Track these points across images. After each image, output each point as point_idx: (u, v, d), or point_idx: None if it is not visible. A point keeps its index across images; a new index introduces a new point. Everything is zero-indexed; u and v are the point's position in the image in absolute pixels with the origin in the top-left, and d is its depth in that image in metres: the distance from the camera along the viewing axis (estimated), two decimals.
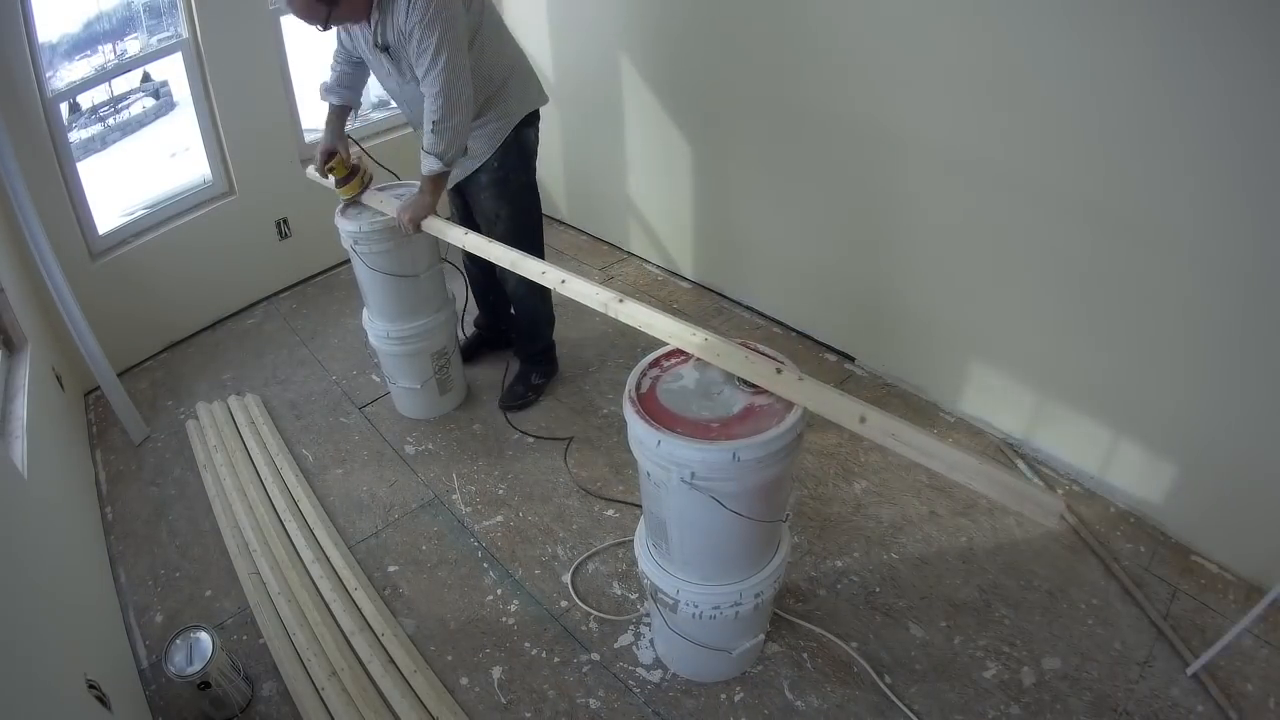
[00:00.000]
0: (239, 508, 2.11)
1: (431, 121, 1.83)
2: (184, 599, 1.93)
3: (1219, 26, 1.47)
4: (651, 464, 1.25)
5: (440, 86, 1.79)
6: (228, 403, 2.55)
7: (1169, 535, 1.95)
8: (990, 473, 1.09)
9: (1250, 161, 1.52)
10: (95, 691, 1.37)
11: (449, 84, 1.78)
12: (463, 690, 1.69)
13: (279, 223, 3.10)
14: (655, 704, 1.64)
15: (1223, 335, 1.69)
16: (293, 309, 3.12)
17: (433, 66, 1.77)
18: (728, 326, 2.83)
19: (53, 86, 2.41)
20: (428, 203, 1.96)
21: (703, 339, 1.33)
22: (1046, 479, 2.11)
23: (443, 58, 1.75)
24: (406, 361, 2.33)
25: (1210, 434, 1.79)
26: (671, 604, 1.47)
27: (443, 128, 1.83)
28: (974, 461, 1.10)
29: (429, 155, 1.88)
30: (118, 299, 2.65)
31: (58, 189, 2.44)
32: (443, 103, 1.80)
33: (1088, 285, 1.89)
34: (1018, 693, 1.62)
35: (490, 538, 2.05)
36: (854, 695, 1.64)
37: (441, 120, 1.82)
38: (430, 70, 1.78)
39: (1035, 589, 1.84)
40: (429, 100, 1.82)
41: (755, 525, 1.32)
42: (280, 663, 1.72)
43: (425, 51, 1.75)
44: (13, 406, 1.91)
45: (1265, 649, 1.67)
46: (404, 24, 1.75)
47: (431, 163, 1.89)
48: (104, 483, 2.32)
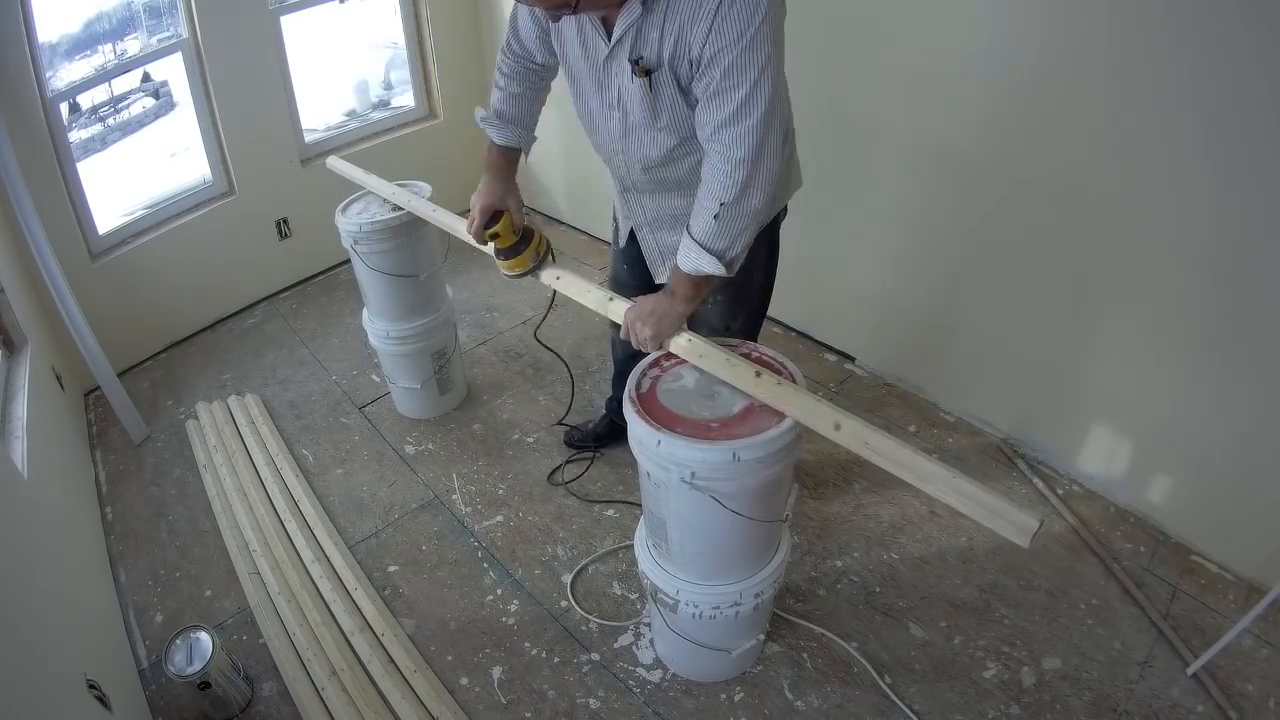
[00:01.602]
0: (239, 508, 2.11)
1: (719, 201, 1.19)
2: (184, 599, 1.93)
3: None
4: (651, 464, 1.25)
5: (749, 149, 1.15)
6: (228, 403, 2.55)
7: (1169, 535, 1.95)
8: (962, 486, 1.06)
9: None
10: (95, 691, 1.37)
11: (761, 145, 1.15)
12: (463, 690, 1.69)
13: (279, 223, 3.10)
14: (655, 704, 1.64)
15: (1223, 335, 1.69)
16: (293, 309, 3.12)
17: (743, 114, 1.13)
18: None
19: (53, 86, 2.41)
20: (680, 315, 1.32)
21: (686, 340, 1.33)
22: (1046, 479, 2.11)
23: (762, 102, 1.12)
24: (406, 361, 2.33)
25: (1210, 434, 1.79)
26: (671, 604, 1.47)
27: (737, 212, 1.20)
28: (945, 473, 1.07)
29: (703, 250, 1.24)
30: (118, 299, 2.65)
31: (58, 189, 2.43)
32: (746, 174, 1.16)
33: (1087, 287, 1.89)
34: (1018, 693, 1.62)
35: (490, 538, 2.05)
36: (854, 695, 1.64)
37: (737, 200, 1.19)
38: (738, 120, 1.13)
39: (1035, 589, 1.84)
40: (719, 165, 1.18)
41: (755, 525, 1.33)
42: (280, 663, 1.72)
43: (736, 88, 1.12)
44: (13, 406, 1.91)
45: (1265, 649, 1.67)
46: (702, 37, 1.11)
47: (705, 261, 1.23)
48: (104, 483, 2.33)
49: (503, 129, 1.52)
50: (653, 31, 1.17)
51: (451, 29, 3.36)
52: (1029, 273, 2.00)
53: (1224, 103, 1.51)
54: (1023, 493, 2.08)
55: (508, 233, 1.53)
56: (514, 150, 1.54)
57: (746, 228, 1.23)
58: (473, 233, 1.54)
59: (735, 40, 1.09)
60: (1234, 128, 1.52)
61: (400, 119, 3.46)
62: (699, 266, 1.25)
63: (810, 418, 1.19)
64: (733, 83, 1.12)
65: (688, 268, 1.27)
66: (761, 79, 1.11)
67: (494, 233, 1.52)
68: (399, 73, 3.56)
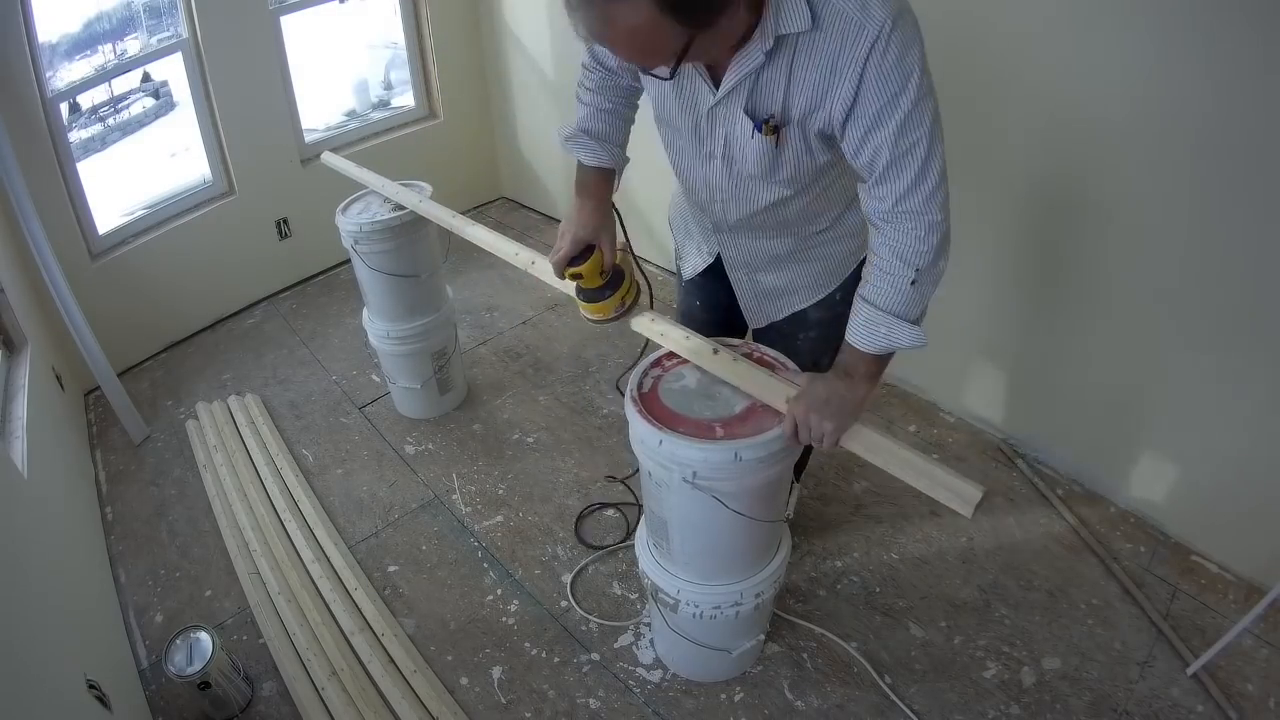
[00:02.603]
0: (239, 508, 2.11)
1: (914, 269, 1.05)
2: (184, 599, 1.93)
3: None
4: (653, 464, 1.25)
5: (941, 210, 1.02)
6: (228, 403, 2.55)
7: (1169, 535, 1.95)
8: (907, 457, 1.09)
9: None
10: (95, 691, 1.37)
11: (947, 200, 1.03)
12: (463, 690, 1.69)
13: (279, 223, 3.10)
14: (655, 704, 1.64)
15: (1222, 334, 1.70)
16: (293, 309, 3.12)
17: (926, 177, 1.00)
18: None
19: (53, 86, 2.41)
20: (862, 400, 1.12)
21: (649, 319, 1.36)
22: (1046, 479, 2.11)
23: (939, 155, 1.00)
24: (406, 361, 2.33)
25: (1210, 434, 1.79)
26: (672, 604, 1.47)
27: (931, 275, 1.07)
28: (890, 444, 1.10)
29: (898, 320, 1.07)
30: (118, 299, 2.65)
31: (58, 189, 2.44)
32: (941, 236, 1.04)
33: (1087, 288, 1.89)
34: (1018, 693, 1.62)
35: (490, 538, 2.05)
36: (854, 695, 1.64)
37: (933, 264, 1.06)
38: (922, 184, 1.00)
39: (1035, 589, 1.84)
40: (909, 232, 1.04)
41: (756, 525, 1.33)
42: (280, 663, 1.72)
43: (913, 151, 0.98)
44: (13, 406, 1.91)
45: (1265, 649, 1.67)
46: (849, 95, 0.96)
47: (901, 332, 1.07)
48: (104, 483, 2.32)
49: (593, 148, 1.31)
50: (776, 83, 1.02)
51: (451, 29, 3.36)
52: (1030, 280, 2.00)
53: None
54: (1023, 493, 2.09)
55: (594, 274, 1.29)
56: (608, 172, 1.33)
57: (935, 289, 1.10)
58: (553, 264, 1.30)
59: (896, 95, 0.94)
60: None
61: (400, 119, 3.46)
62: (894, 342, 1.07)
63: (764, 393, 1.21)
64: (907, 145, 0.97)
65: (876, 346, 1.09)
66: (934, 129, 0.97)
67: (576, 272, 1.28)
68: (399, 73, 3.56)
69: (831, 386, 1.12)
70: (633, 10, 0.84)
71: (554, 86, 3.25)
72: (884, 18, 0.90)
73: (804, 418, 1.12)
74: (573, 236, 1.28)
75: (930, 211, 1.02)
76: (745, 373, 1.23)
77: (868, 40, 0.92)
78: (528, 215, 3.74)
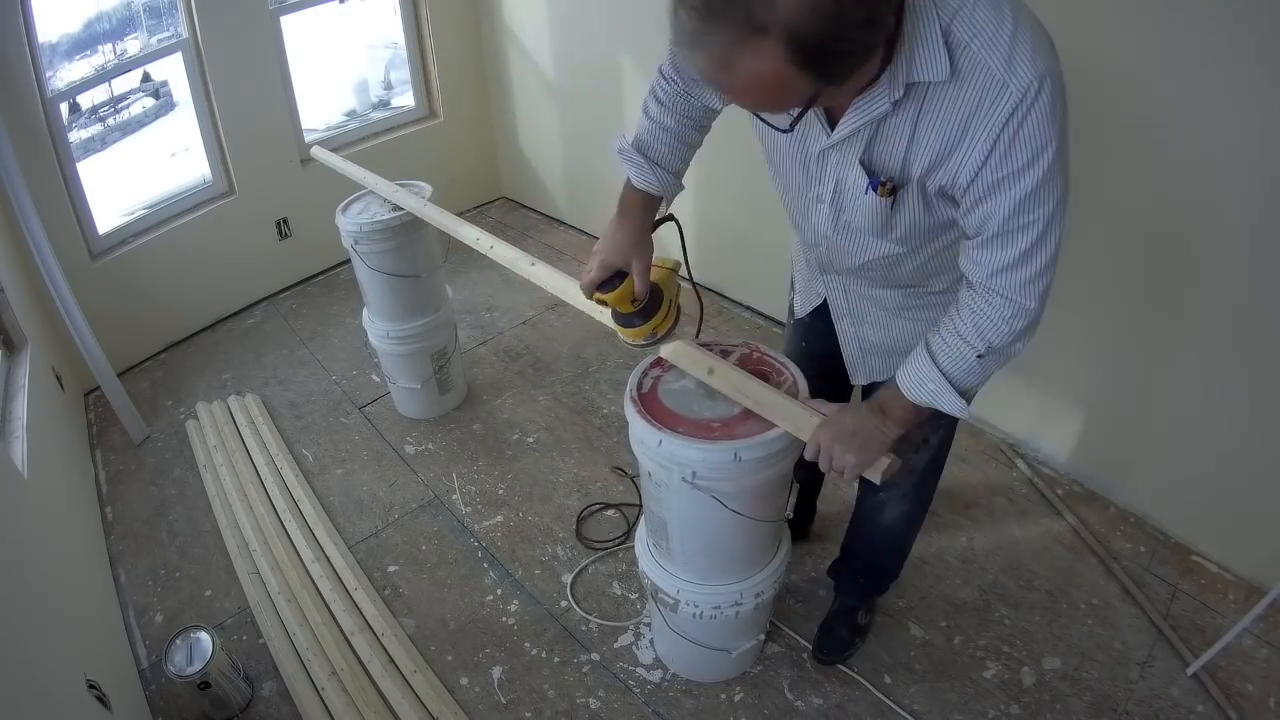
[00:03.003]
0: (239, 508, 2.11)
1: (987, 344, 0.99)
2: (184, 599, 1.93)
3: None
4: (653, 464, 1.25)
5: (1037, 297, 0.96)
6: (228, 403, 2.55)
7: (1169, 535, 1.95)
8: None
9: None
10: (95, 691, 1.37)
11: (1047, 290, 0.96)
12: (463, 690, 1.69)
13: (279, 223, 3.10)
14: (655, 704, 1.64)
15: (1222, 334, 1.70)
16: (293, 309, 3.12)
17: (1033, 258, 0.93)
18: (728, 327, 2.83)
19: (53, 86, 2.41)
20: (889, 440, 1.09)
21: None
22: (1046, 479, 2.11)
23: (1053, 241, 0.92)
24: (406, 361, 2.33)
25: (1210, 434, 1.79)
26: (672, 604, 1.47)
27: (1002, 356, 1.02)
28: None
29: (949, 387, 1.03)
30: (118, 299, 2.65)
31: (58, 189, 2.44)
32: (1027, 322, 0.98)
33: (1087, 288, 1.89)
34: (1018, 693, 1.62)
35: (490, 538, 2.05)
36: (854, 695, 1.64)
37: (1008, 345, 1.00)
38: (1027, 264, 0.93)
39: (1035, 589, 1.84)
40: (997, 308, 0.97)
41: (756, 525, 1.33)
42: (280, 663, 1.72)
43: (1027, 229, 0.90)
44: (13, 406, 1.91)
45: (1265, 649, 1.67)
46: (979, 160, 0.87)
47: (948, 398, 1.03)
48: (104, 483, 2.32)
49: (644, 169, 1.20)
50: (899, 134, 0.92)
51: (451, 29, 3.36)
52: None
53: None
54: (1023, 493, 2.09)
55: (623, 301, 1.21)
56: (653, 196, 1.22)
57: (1001, 368, 1.05)
58: (581, 287, 1.22)
59: (1026, 167, 0.85)
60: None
61: (400, 119, 3.46)
62: (937, 402, 1.04)
63: (688, 364, 1.27)
64: (1023, 222, 0.89)
65: (919, 398, 1.05)
66: (1056, 213, 0.90)
67: (603, 299, 1.20)
68: (399, 73, 3.56)
69: (861, 420, 1.08)
70: (760, 59, 0.74)
71: (554, 86, 3.25)
72: (1030, 79, 0.81)
73: (828, 447, 1.08)
74: (601, 260, 1.18)
75: (1026, 297, 0.95)
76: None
77: (1009, 103, 0.82)
78: (527, 215, 3.74)
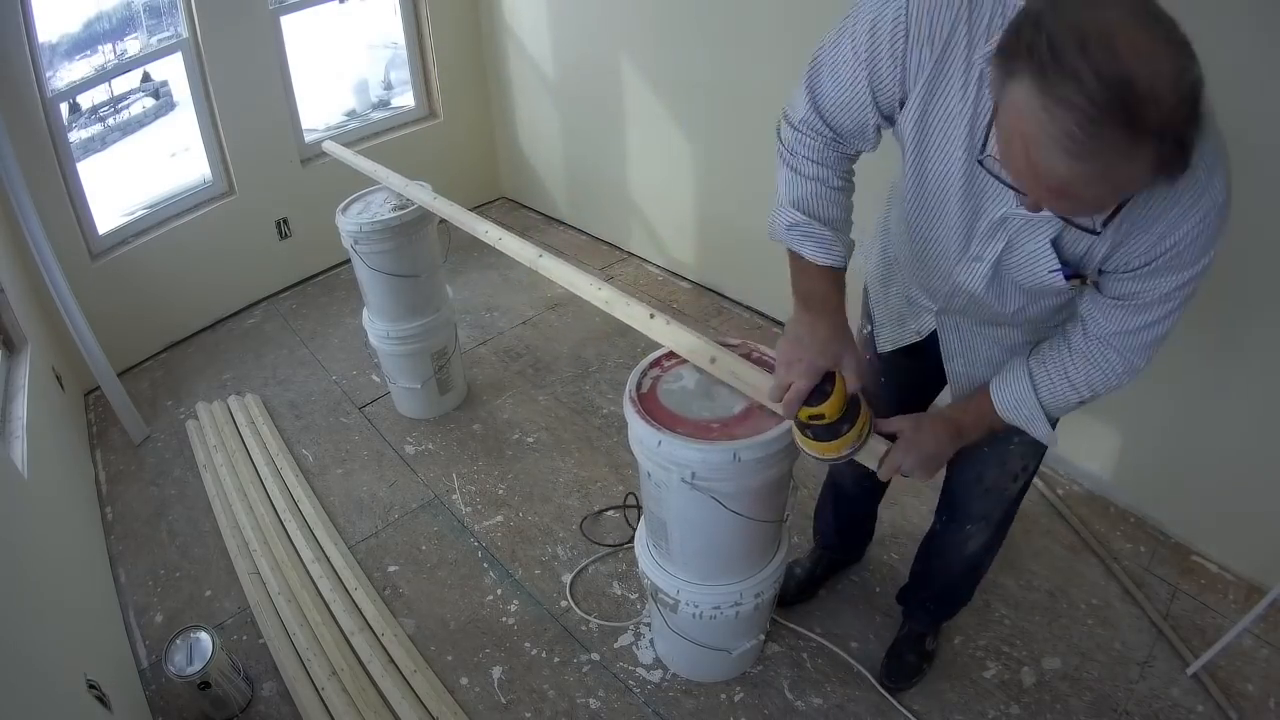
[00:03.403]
0: (239, 508, 2.11)
1: (1093, 391, 1.05)
2: (184, 599, 1.93)
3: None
4: (652, 464, 1.25)
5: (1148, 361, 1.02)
6: (228, 403, 2.55)
7: (1169, 535, 1.95)
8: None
9: None
10: (95, 691, 1.37)
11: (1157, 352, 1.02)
12: (463, 690, 1.69)
13: (279, 223, 3.10)
14: (655, 704, 1.64)
15: (1222, 334, 1.69)
16: (293, 309, 3.12)
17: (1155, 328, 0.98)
18: (728, 326, 2.83)
19: (53, 86, 2.41)
20: (946, 453, 1.11)
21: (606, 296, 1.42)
22: (1046, 479, 2.11)
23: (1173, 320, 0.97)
24: (406, 361, 2.33)
25: (1210, 434, 1.79)
26: (672, 604, 1.47)
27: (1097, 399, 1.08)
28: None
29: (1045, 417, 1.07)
30: (118, 299, 2.65)
31: (58, 189, 2.44)
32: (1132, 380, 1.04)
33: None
34: (1018, 693, 1.62)
35: (490, 538, 2.05)
36: (854, 695, 1.64)
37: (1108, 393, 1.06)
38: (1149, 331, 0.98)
39: (1035, 589, 1.84)
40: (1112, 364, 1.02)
41: (756, 525, 1.33)
42: (280, 663, 1.72)
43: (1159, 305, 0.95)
44: (13, 406, 1.91)
45: (1265, 649, 1.67)
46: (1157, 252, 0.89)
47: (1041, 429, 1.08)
48: (104, 483, 2.33)
49: (827, 241, 1.05)
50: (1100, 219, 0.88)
51: (451, 29, 3.36)
52: None
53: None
54: None
55: (836, 409, 1.03)
56: (839, 270, 1.08)
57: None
58: (783, 402, 1.06)
59: (1194, 261, 0.89)
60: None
61: (400, 119, 3.46)
62: (1029, 427, 1.08)
63: (690, 353, 1.31)
64: (1168, 298, 0.93)
65: (1012, 419, 1.08)
66: (1190, 299, 0.94)
67: (819, 412, 1.03)
68: (399, 73, 3.56)
69: (940, 443, 1.10)
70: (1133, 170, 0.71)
71: (554, 86, 3.25)
72: (1221, 193, 0.84)
73: (910, 469, 1.09)
74: (809, 364, 1.02)
75: (1140, 357, 1.00)
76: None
77: (1200, 212, 0.85)
78: (528, 215, 3.74)
